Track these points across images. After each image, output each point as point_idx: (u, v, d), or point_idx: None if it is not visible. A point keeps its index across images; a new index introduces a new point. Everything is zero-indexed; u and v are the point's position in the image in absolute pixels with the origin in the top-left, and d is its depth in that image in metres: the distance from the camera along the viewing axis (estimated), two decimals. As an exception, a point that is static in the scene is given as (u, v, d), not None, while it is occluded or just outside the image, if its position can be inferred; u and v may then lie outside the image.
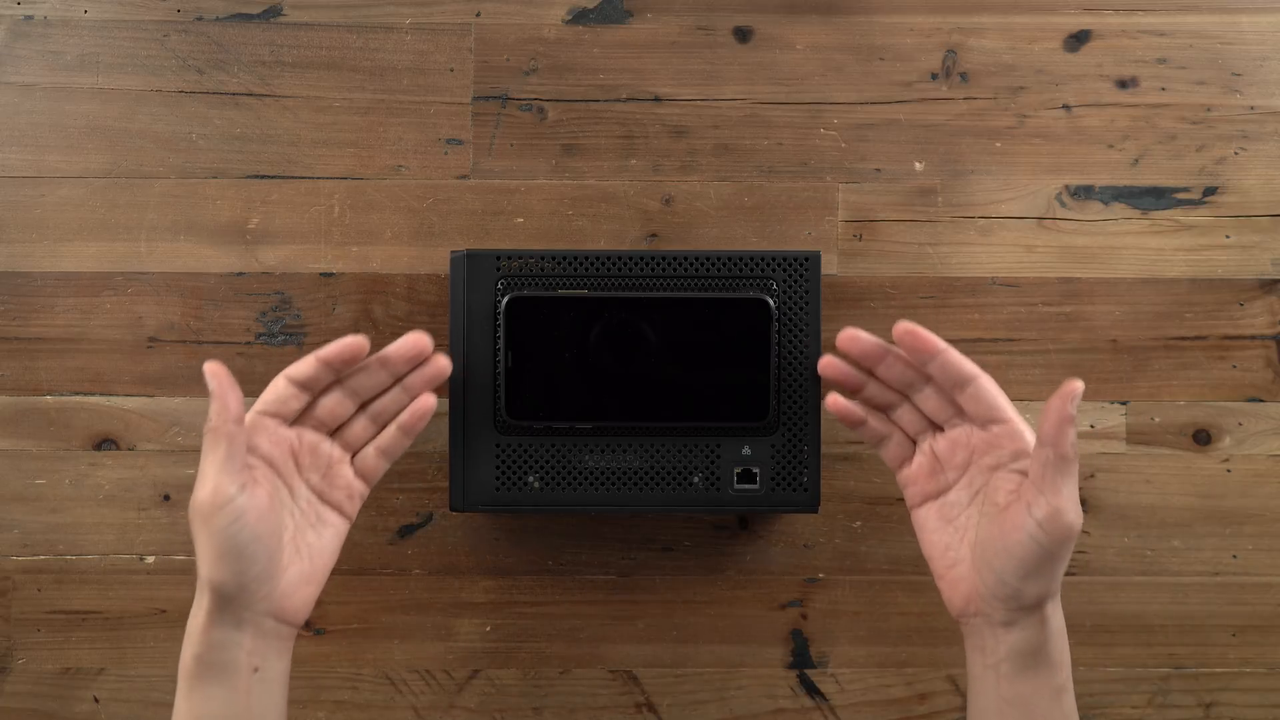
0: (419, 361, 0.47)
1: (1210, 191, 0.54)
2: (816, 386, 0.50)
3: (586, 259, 0.49)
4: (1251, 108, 0.54)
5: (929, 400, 0.47)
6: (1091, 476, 0.54)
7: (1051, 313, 0.54)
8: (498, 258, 0.49)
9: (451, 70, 0.54)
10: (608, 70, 0.54)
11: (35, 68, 0.54)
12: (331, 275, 0.54)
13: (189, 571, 0.54)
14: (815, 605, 0.54)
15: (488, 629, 0.55)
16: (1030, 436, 0.45)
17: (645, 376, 0.49)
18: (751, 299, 0.49)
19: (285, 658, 0.46)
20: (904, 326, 0.45)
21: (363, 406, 0.48)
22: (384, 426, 0.48)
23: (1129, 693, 0.54)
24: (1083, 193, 0.54)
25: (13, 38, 0.54)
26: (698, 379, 0.50)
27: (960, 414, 0.47)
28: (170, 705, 0.54)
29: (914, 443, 0.48)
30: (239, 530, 0.43)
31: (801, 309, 0.50)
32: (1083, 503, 0.54)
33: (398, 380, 0.47)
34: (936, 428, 0.48)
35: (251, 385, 0.54)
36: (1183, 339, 0.54)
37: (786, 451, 0.50)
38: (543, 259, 0.49)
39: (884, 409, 0.48)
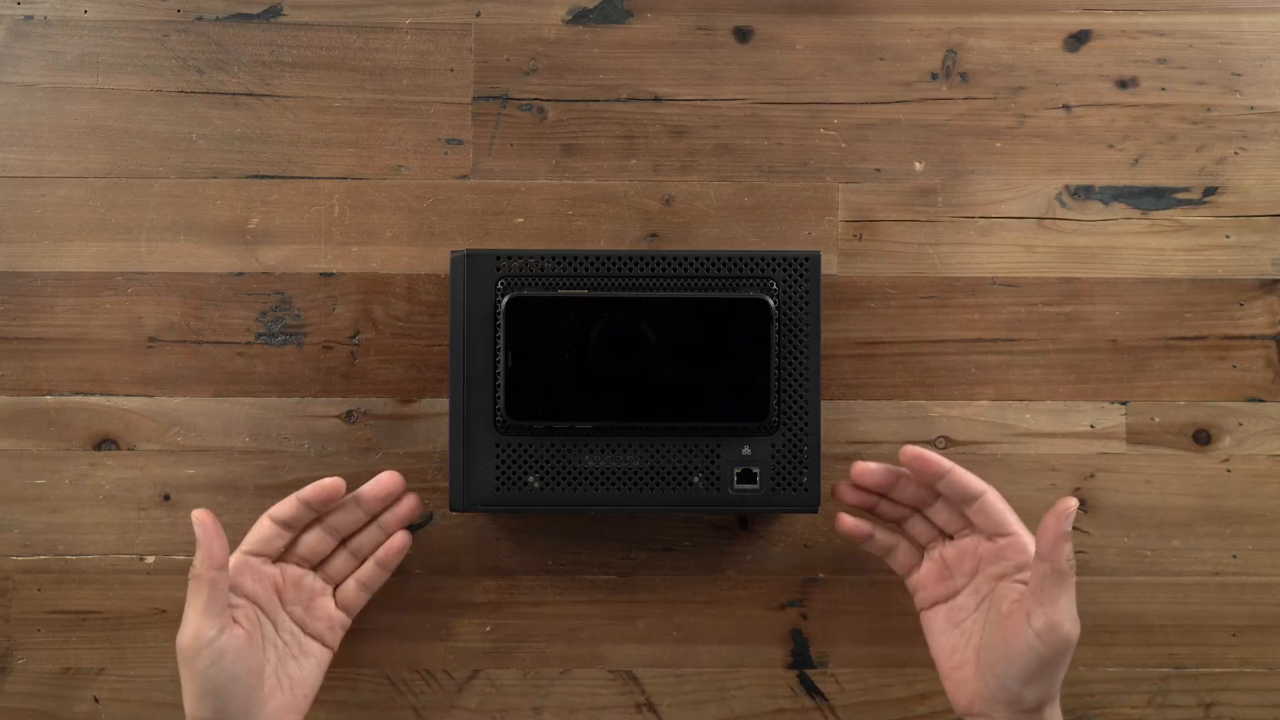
0: (391, 501, 0.50)
1: (1210, 191, 0.54)
2: (817, 386, 0.50)
3: (587, 259, 0.49)
4: (1251, 108, 0.54)
5: (940, 513, 0.50)
6: (1091, 477, 0.54)
7: (1051, 313, 0.54)
8: (497, 258, 0.49)
9: (451, 70, 0.54)
10: (608, 70, 0.54)
11: (35, 68, 0.54)
12: (331, 275, 0.54)
13: (188, 571, 0.54)
14: (815, 605, 0.54)
15: (488, 629, 0.55)
16: (1034, 549, 0.47)
17: (645, 376, 0.49)
18: (751, 299, 0.49)
19: None
20: (911, 452, 0.48)
21: (344, 542, 0.51)
22: (361, 559, 0.51)
23: (1129, 692, 0.54)
24: (1083, 193, 0.54)
25: (13, 37, 0.54)
26: (698, 379, 0.50)
27: (970, 525, 0.50)
28: (171, 705, 0.54)
29: (922, 550, 0.51)
30: (217, 671, 0.46)
31: (802, 309, 0.50)
32: (1083, 503, 0.54)
33: (374, 517, 0.51)
34: (946, 536, 0.50)
35: (252, 386, 0.54)
36: (1183, 339, 0.54)
37: (786, 451, 0.50)
38: (543, 259, 0.49)
39: (897, 522, 0.51)
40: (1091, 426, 0.54)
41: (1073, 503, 0.45)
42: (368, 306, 0.54)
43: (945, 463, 0.48)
